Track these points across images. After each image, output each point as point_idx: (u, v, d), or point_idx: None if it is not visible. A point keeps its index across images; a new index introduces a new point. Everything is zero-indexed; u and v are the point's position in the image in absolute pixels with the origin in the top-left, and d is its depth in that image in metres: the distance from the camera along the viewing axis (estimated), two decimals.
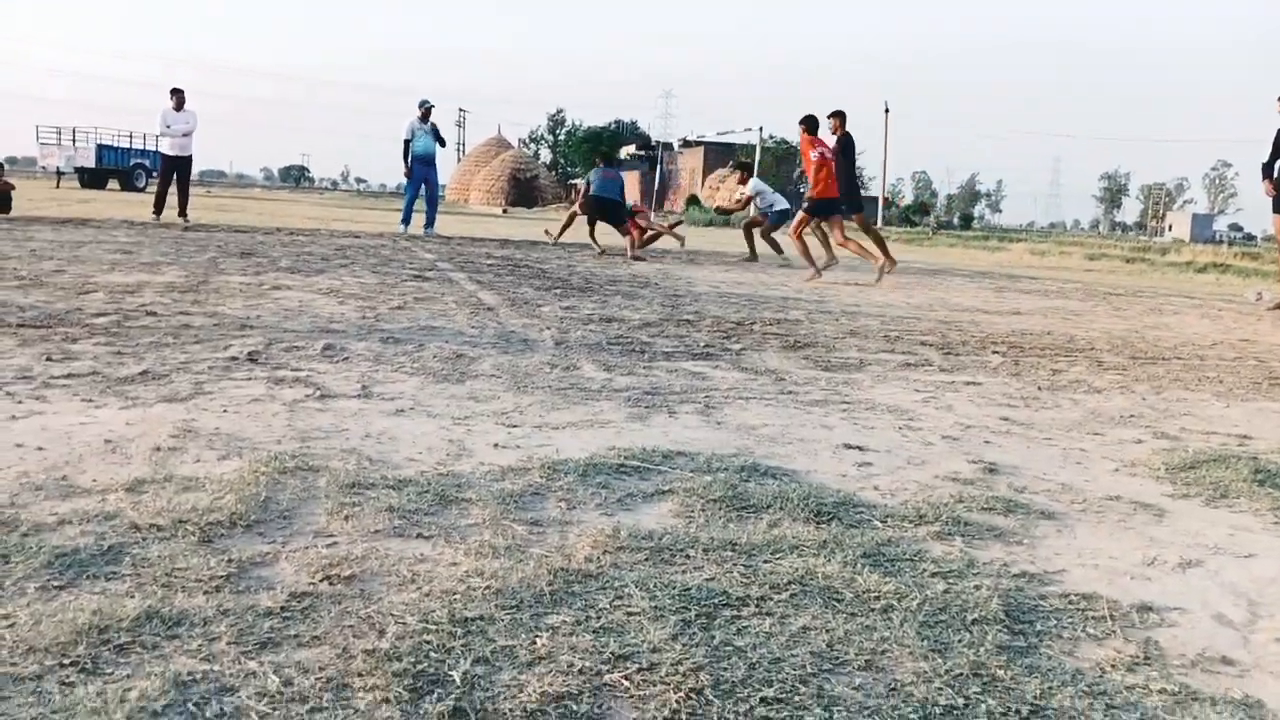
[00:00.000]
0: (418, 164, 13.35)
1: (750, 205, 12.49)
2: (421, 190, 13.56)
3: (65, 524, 1.80)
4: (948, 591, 1.71)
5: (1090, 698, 1.38)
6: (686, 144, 51.77)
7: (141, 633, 1.39)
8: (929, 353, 4.76)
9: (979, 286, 9.97)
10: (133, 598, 1.50)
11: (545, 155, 72.84)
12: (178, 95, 12.90)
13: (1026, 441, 2.97)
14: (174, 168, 13.04)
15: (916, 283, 9.85)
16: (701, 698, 1.30)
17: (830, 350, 4.64)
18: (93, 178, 31.84)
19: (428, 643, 1.40)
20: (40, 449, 2.28)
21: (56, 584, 1.54)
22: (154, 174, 20.87)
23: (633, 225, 11.43)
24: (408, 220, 13.59)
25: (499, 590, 1.60)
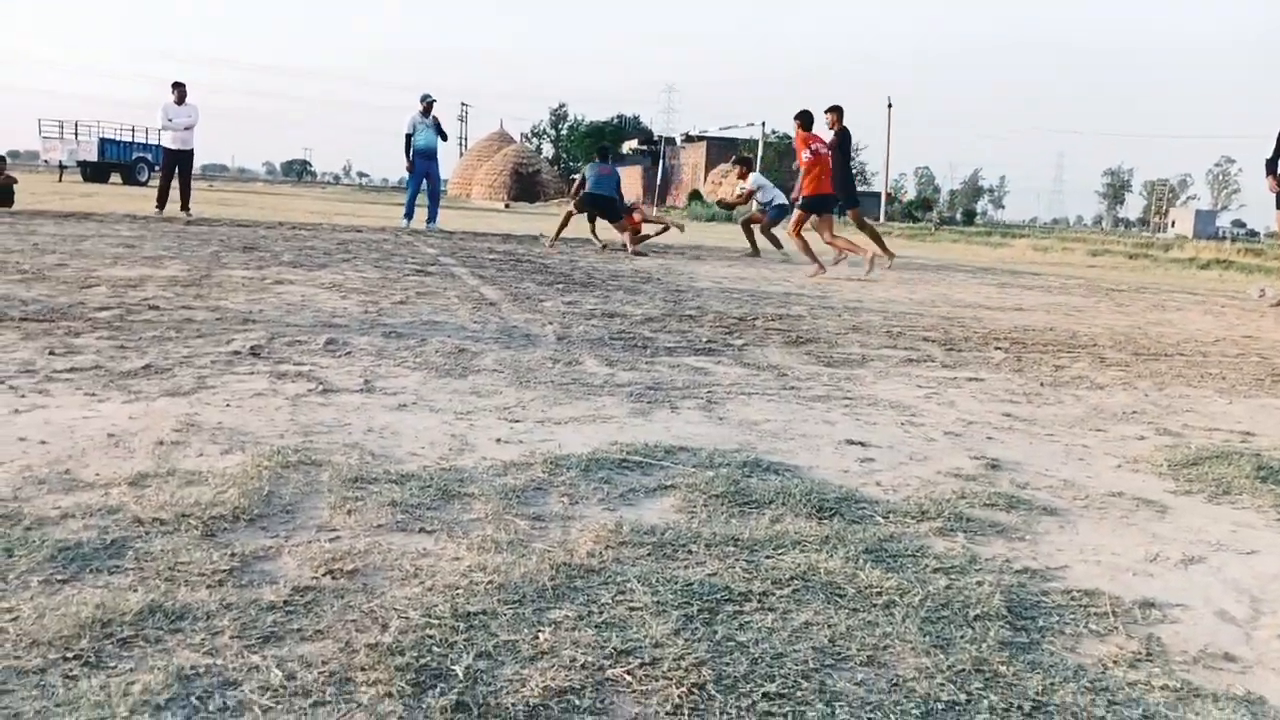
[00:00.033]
0: (419, 158, 13.33)
1: (751, 200, 12.48)
2: (423, 185, 13.55)
3: (68, 518, 1.80)
4: (950, 587, 1.71)
5: (1092, 694, 1.38)
6: (689, 139, 51.66)
7: (144, 626, 1.39)
8: (931, 349, 4.76)
9: (981, 282, 9.96)
10: (136, 591, 1.50)
11: (548, 150, 72.79)
12: (179, 89, 12.91)
13: (1029, 437, 2.97)
14: (175, 161, 13.08)
15: (919, 278, 9.85)
16: (704, 693, 1.31)
17: (833, 346, 4.64)
18: (95, 171, 31.86)
19: (430, 637, 1.40)
20: (43, 443, 2.29)
21: (60, 578, 1.55)
22: (156, 168, 20.87)
23: (630, 221, 11.41)
24: (410, 215, 13.58)
25: (501, 585, 1.61)
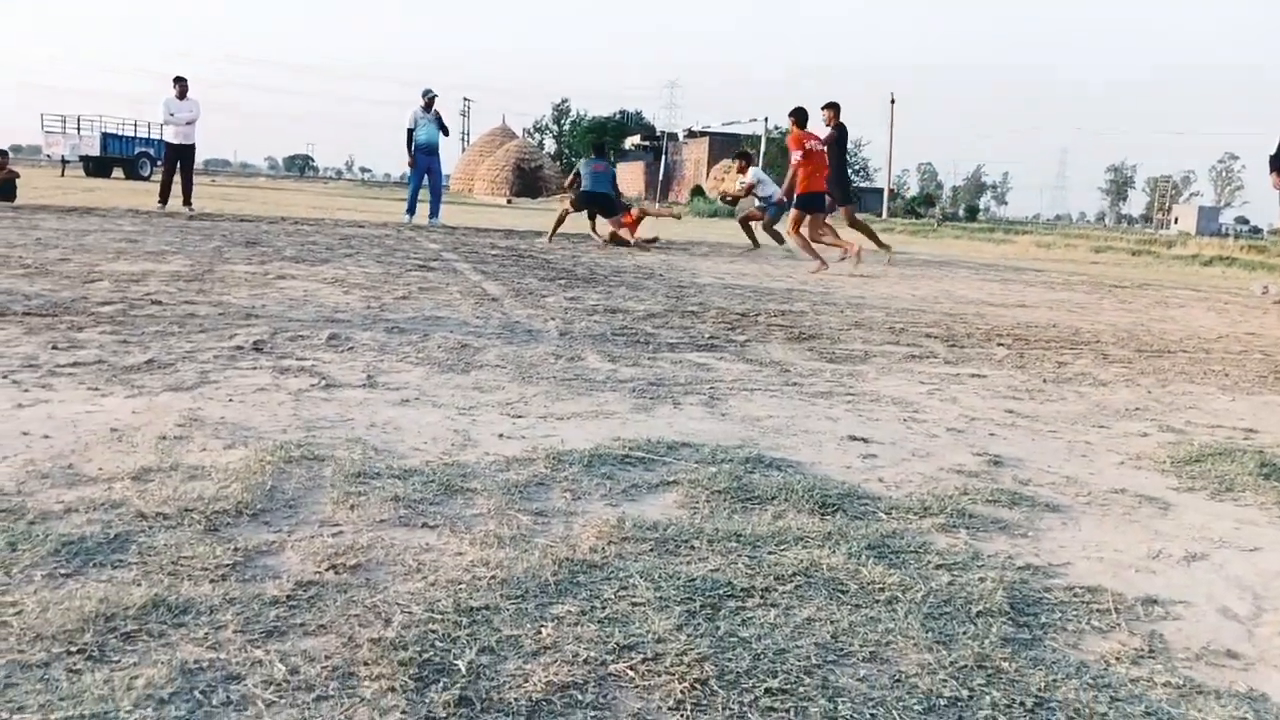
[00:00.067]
0: (421, 153, 13.30)
1: (752, 194, 12.46)
2: (426, 180, 13.54)
3: (72, 512, 1.80)
4: (952, 584, 1.71)
5: (1095, 690, 1.38)
6: (691, 134, 51.65)
7: (148, 621, 1.40)
8: (934, 345, 4.76)
9: (984, 279, 9.95)
10: (139, 586, 1.50)
11: (550, 145, 72.76)
12: (181, 84, 12.92)
13: (1031, 434, 2.97)
14: (178, 156, 13.10)
15: (921, 275, 9.84)
16: (706, 688, 1.31)
17: (835, 342, 4.64)
18: (97, 166, 31.85)
19: (433, 632, 1.41)
20: (46, 437, 2.29)
21: (63, 572, 1.55)
22: (158, 163, 20.88)
23: (628, 217, 11.39)
24: (412, 210, 13.57)
25: (504, 580, 1.61)
